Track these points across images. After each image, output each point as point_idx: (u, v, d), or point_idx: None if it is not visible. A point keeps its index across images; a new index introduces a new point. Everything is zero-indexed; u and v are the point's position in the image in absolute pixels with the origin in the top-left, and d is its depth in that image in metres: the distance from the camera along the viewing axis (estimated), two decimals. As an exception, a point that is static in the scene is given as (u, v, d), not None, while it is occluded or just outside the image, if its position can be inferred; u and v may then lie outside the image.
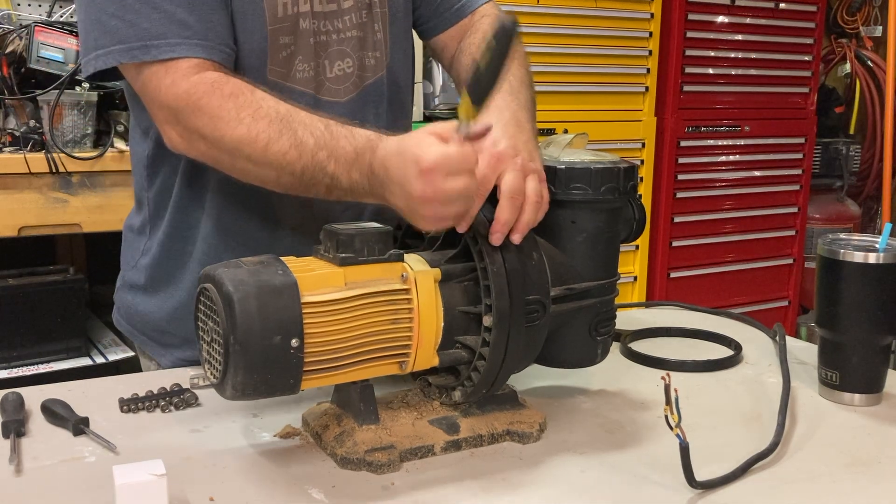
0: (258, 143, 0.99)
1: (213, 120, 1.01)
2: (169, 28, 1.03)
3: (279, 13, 1.12)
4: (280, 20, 1.12)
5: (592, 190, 0.99)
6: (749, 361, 1.28)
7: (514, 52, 1.21)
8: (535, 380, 1.15)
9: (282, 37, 1.13)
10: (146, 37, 1.02)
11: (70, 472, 0.90)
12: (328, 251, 0.92)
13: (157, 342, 1.27)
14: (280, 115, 1.00)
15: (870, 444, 1.00)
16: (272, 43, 1.12)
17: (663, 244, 3.20)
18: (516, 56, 1.20)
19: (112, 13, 1.03)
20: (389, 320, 0.90)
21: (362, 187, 0.97)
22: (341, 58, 1.18)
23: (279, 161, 0.99)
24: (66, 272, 2.28)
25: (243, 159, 1.01)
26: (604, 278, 1.04)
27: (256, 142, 0.99)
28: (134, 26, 1.03)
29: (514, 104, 1.07)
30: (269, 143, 0.99)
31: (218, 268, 0.86)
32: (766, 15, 3.30)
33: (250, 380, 0.83)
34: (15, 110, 2.16)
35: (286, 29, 1.13)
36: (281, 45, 1.13)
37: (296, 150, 0.98)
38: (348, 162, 0.96)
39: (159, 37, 1.02)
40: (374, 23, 1.21)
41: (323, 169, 0.98)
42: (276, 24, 1.12)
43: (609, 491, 0.88)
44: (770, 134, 3.40)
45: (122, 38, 1.03)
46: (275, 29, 1.12)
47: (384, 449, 0.91)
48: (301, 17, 1.14)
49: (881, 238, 1.10)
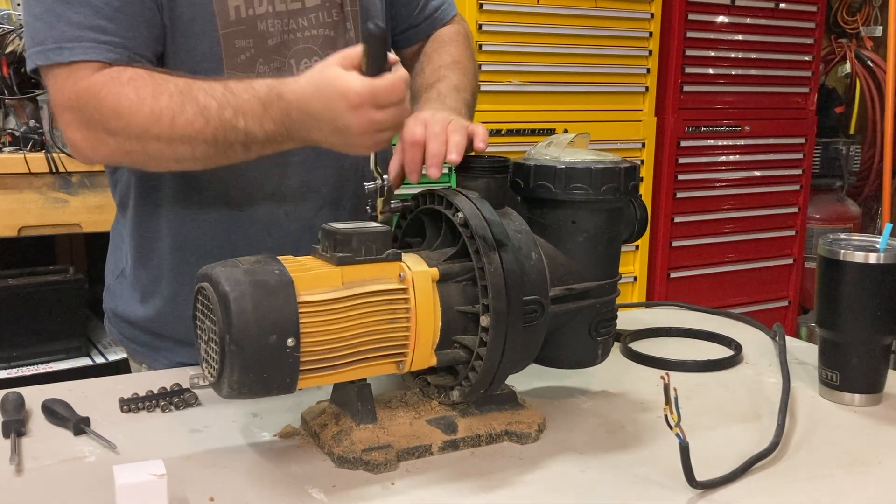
0: (164, 120, 0.99)
1: (114, 110, 1.00)
2: (85, 32, 1.03)
3: (231, 16, 1.11)
4: (233, 23, 1.11)
5: (593, 190, 0.99)
6: (749, 361, 1.28)
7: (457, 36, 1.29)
8: (535, 380, 1.15)
9: (238, 40, 1.12)
10: (62, 39, 1.02)
11: (70, 472, 0.90)
12: (325, 250, 0.92)
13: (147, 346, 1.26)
14: (179, 87, 1.00)
15: (870, 444, 1.00)
16: (227, 47, 1.12)
17: (663, 244, 3.20)
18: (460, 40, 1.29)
19: (37, 15, 1.04)
20: (386, 320, 0.90)
21: (280, 135, 0.98)
22: (308, 55, 1.17)
23: (188, 132, 0.99)
24: (66, 272, 2.28)
25: (153, 140, 1.00)
26: (604, 279, 1.03)
27: (161, 118, 0.99)
28: (53, 28, 1.03)
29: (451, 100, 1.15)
30: (175, 117, 0.98)
31: (215, 267, 0.86)
32: (766, 15, 3.30)
33: (246, 379, 0.83)
34: (15, 110, 2.16)
35: (242, 32, 1.12)
36: (238, 48, 1.12)
37: (202, 116, 0.98)
38: (257, 114, 0.97)
39: (74, 39, 1.02)
40: (347, 21, 1.21)
41: (234, 128, 0.98)
42: (228, 27, 1.11)
43: (609, 491, 0.88)
44: (770, 134, 3.40)
45: (41, 40, 1.04)
46: (228, 33, 1.11)
47: (381, 448, 0.91)
48: (259, 20, 1.13)
49: (881, 238, 1.10)
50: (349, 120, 0.91)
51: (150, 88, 1.00)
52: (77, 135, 1.04)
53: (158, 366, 1.25)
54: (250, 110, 0.97)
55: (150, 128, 0.99)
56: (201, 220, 1.18)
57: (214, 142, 0.99)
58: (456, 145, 0.99)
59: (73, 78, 1.03)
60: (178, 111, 0.99)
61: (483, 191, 0.98)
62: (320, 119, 0.93)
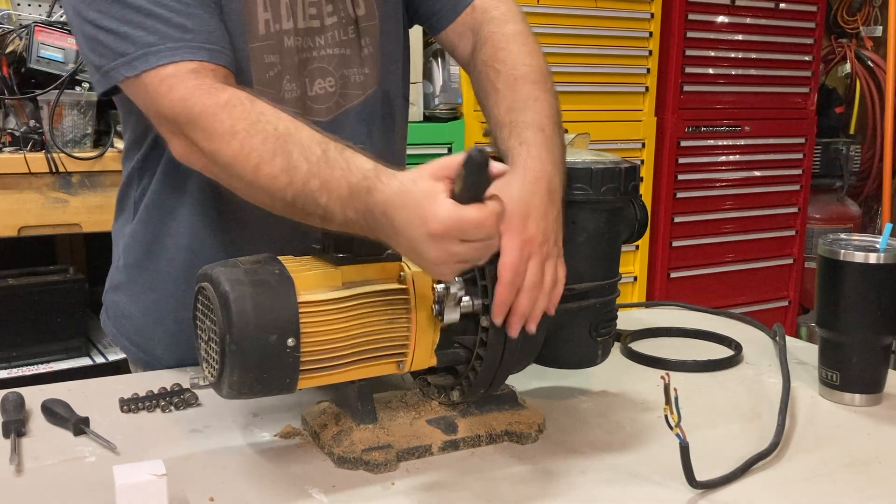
0: (249, 163, 0.92)
1: (206, 133, 0.94)
2: (168, 31, 0.98)
3: (261, 30, 1.08)
4: (262, 38, 1.09)
5: (593, 190, 0.99)
6: (749, 361, 1.28)
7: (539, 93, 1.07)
8: (536, 380, 1.15)
9: (266, 55, 1.09)
10: (145, 45, 0.97)
11: (70, 472, 0.90)
12: (326, 250, 0.92)
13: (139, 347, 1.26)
14: (278, 132, 0.91)
15: (870, 444, 1.00)
16: (256, 61, 1.08)
17: (663, 244, 3.20)
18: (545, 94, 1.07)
19: (107, 29, 0.99)
20: (386, 320, 0.90)
21: (359, 226, 0.89)
22: (322, 76, 1.15)
23: (269, 185, 0.91)
24: (66, 272, 2.28)
25: (236, 178, 0.94)
26: (604, 279, 1.03)
27: (248, 160, 0.92)
28: (130, 38, 0.98)
29: (549, 164, 0.97)
30: (261, 164, 0.91)
31: (215, 267, 0.86)
32: (766, 15, 3.30)
33: (246, 379, 0.83)
34: (15, 110, 2.16)
35: (270, 47, 1.09)
36: (266, 63, 1.09)
37: (287, 175, 0.90)
38: (342, 198, 0.88)
39: (158, 43, 0.97)
40: (362, 38, 1.17)
41: (315, 200, 0.89)
42: (257, 41, 1.08)
43: (609, 491, 0.88)
44: (770, 134, 3.40)
45: (122, 52, 0.98)
46: (257, 47, 1.09)
47: (381, 448, 0.91)
48: (285, 35, 1.10)
49: (881, 238, 1.10)
50: (426, 248, 0.82)
51: (247, 122, 0.92)
52: (178, 144, 0.99)
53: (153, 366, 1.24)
54: (336, 190, 0.88)
55: (235, 165, 0.93)
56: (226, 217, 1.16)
57: (293, 205, 0.91)
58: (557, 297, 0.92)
59: (165, 84, 0.97)
60: (266, 160, 0.90)
61: (483, 191, 0.98)
62: (400, 234, 0.84)
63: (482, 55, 1.14)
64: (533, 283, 0.89)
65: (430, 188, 0.82)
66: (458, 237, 0.81)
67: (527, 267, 0.89)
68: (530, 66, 1.09)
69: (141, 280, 1.23)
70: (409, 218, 0.82)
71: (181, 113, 0.96)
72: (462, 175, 0.80)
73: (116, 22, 0.99)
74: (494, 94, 1.08)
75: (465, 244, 0.82)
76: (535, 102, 1.04)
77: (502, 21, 1.16)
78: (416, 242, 0.83)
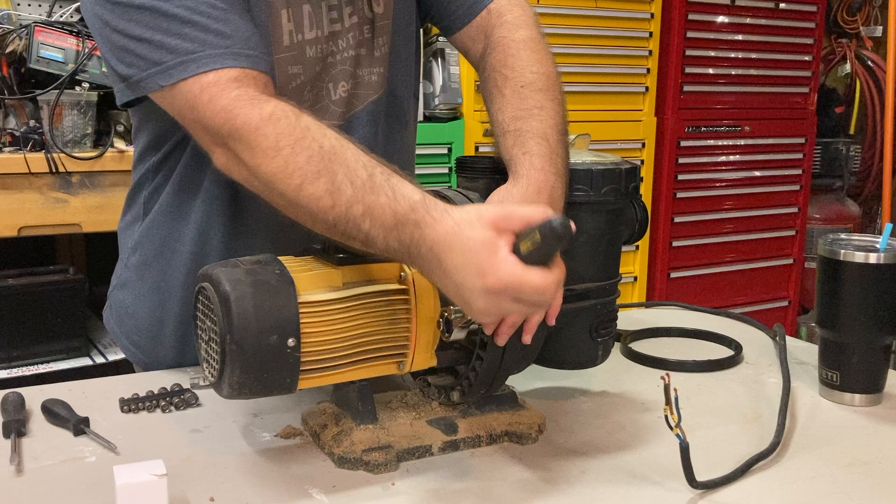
0: (293, 181, 0.88)
1: (249, 147, 0.91)
2: (207, 38, 0.94)
3: (285, 41, 1.07)
4: (286, 49, 1.07)
5: (594, 191, 0.99)
6: (749, 361, 1.28)
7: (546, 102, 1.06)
8: (536, 380, 1.15)
9: (290, 66, 1.08)
10: (183, 52, 0.94)
11: (70, 472, 0.90)
12: (326, 251, 0.92)
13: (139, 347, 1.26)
14: (323, 151, 0.88)
15: (870, 444, 1.00)
16: (281, 72, 1.07)
17: (663, 244, 3.20)
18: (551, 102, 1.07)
19: (139, 37, 0.96)
20: (387, 320, 0.90)
21: (400, 257, 0.87)
22: (345, 78, 1.14)
23: (311, 206, 0.88)
24: (66, 272, 2.28)
25: (277, 195, 0.91)
26: (604, 280, 1.03)
27: (292, 178, 0.88)
28: (165, 46, 0.95)
29: (552, 175, 0.97)
30: (304, 184, 0.88)
31: (215, 267, 0.86)
32: (766, 15, 3.30)
33: (247, 379, 0.83)
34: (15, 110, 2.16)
35: (293, 58, 1.08)
36: (290, 75, 1.08)
37: (330, 197, 0.87)
38: (385, 227, 0.85)
39: (197, 50, 0.94)
40: (378, 37, 1.16)
41: (357, 226, 0.86)
42: (281, 52, 1.07)
43: (609, 491, 0.88)
44: (770, 134, 3.40)
45: (157, 60, 0.95)
46: (281, 58, 1.07)
47: (381, 449, 0.91)
48: (308, 45, 1.09)
49: (881, 238, 1.10)
50: (476, 298, 0.81)
51: (292, 138, 0.89)
52: (220, 155, 0.96)
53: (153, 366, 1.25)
54: (380, 217, 0.85)
55: (278, 182, 0.89)
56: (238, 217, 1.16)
57: (334, 227, 0.88)
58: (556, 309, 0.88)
59: (207, 94, 0.93)
60: (310, 179, 0.88)
61: (484, 191, 0.98)
62: (448, 276, 0.83)
63: (491, 60, 1.14)
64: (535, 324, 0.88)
65: (491, 240, 0.80)
66: (513, 296, 0.80)
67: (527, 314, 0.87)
68: (538, 74, 1.08)
69: (149, 279, 1.23)
70: (463, 264, 0.81)
71: (223, 125, 0.92)
72: (536, 241, 0.79)
73: (150, 31, 0.95)
74: (500, 99, 1.08)
75: (519, 304, 0.81)
76: (541, 111, 1.04)
77: (514, 26, 1.16)
78: (465, 290, 0.82)
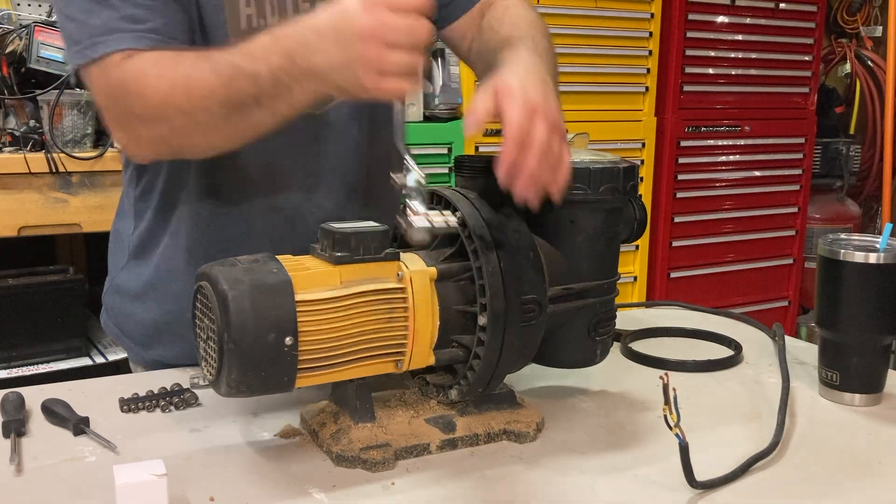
0: (180, 87, 0.94)
1: (139, 94, 0.95)
2: (118, 24, 0.98)
3: (242, 25, 1.08)
4: (244, 32, 1.08)
5: (592, 190, 0.99)
6: (749, 361, 1.28)
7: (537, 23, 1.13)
8: (535, 380, 1.15)
9: None
10: (95, 34, 0.98)
11: (70, 472, 0.90)
12: (324, 249, 0.92)
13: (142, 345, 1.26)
14: (199, 54, 0.95)
15: (870, 444, 1.00)
16: None
17: (663, 244, 3.20)
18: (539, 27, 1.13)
19: (70, 16, 1.01)
20: (385, 319, 0.90)
21: (286, 71, 0.89)
22: None
23: (203, 94, 0.93)
24: (66, 272, 2.28)
25: (177, 114, 0.95)
26: (603, 278, 1.03)
27: (178, 86, 0.94)
28: (85, 26, 0.99)
29: (541, 66, 0.98)
30: (190, 80, 0.94)
31: (213, 266, 0.86)
32: (766, 15, 3.31)
33: (244, 377, 0.83)
34: (15, 110, 2.16)
35: None
36: None
37: (214, 73, 0.93)
38: (266, 48, 0.91)
39: (106, 33, 0.98)
40: None
41: (242, 71, 0.91)
42: (239, 35, 1.08)
43: (608, 491, 0.88)
44: (770, 134, 3.40)
45: (77, 40, 1.00)
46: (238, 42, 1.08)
47: (379, 447, 0.91)
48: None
49: (881, 238, 1.10)
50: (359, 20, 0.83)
51: (170, 61, 0.96)
52: (119, 134, 1.01)
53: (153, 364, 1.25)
54: (260, 47, 0.91)
55: (171, 99, 0.95)
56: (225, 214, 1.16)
57: (228, 97, 0.93)
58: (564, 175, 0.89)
59: (105, 72, 0.98)
60: (193, 74, 0.94)
61: (482, 191, 0.98)
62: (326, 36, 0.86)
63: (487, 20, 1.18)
64: (541, 141, 0.86)
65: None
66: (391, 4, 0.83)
67: (532, 127, 0.86)
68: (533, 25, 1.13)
69: (142, 279, 1.23)
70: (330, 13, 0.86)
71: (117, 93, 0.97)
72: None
73: (77, 10, 1.00)
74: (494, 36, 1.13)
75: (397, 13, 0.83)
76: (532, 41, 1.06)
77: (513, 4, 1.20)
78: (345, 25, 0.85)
